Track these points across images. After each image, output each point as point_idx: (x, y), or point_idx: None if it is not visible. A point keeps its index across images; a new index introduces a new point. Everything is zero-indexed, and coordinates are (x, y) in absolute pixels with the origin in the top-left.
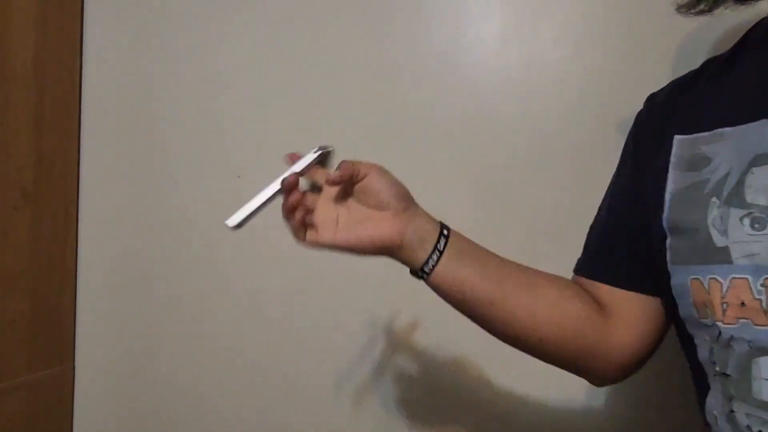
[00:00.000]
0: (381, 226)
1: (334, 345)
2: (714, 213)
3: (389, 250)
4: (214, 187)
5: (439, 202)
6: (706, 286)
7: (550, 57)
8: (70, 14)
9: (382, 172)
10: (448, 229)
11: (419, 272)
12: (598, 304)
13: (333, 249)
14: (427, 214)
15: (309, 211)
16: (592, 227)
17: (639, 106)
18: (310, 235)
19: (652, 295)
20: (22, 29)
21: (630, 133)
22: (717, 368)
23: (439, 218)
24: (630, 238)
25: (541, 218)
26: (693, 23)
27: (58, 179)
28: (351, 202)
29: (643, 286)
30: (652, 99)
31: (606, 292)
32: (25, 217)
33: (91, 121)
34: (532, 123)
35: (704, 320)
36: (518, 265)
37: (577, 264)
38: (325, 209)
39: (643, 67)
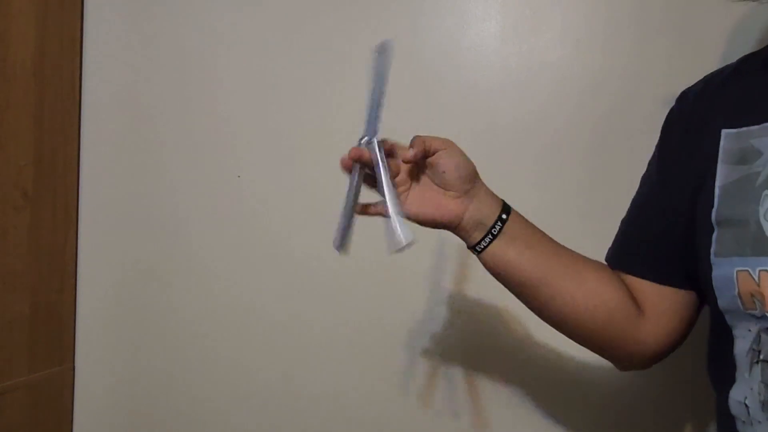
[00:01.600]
0: (442, 207)
1: (334, 346)
2: (766, 205)
3: (448, 227)
4: (213, 187)
5: None
6: (756, 278)
7: (550, 57)
8: (70, 14)
9: (451, 152)
10: (508, 213)
11: (473, 250)
12: (632, 296)
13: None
14: (490, 196)
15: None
16: (623, 220)
17: (639, 106)
18: (379, 206)
19: (682, 288)
20: (23, 29)
21: (663, 130)
22: (761, 356)
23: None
24: (661, 232)
25: (541, 218)
26: (693, 23)
27: (58, 179)
28: (420, 176)
29: (672, 279)
30: (685, 96)
31: (635, 283)
32: (25, 217)
33: (91, 121)
34: (532, 123)
35: (752, 311)
36: (568, 252)
37: (607, 255)
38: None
39: (643, 67)
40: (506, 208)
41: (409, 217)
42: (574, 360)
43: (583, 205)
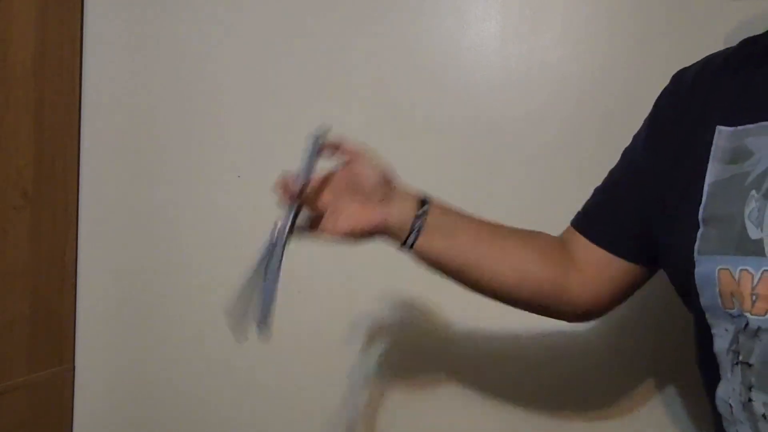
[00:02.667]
0: (368, 216)
1: (334, 347)
2: (752, 205)
3: (378, 233)
4: (214, 187)
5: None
6: (736, 277)
7: (551, 57)
8: (71, 14)
9: (363, 159)
10: (426, 207)
11: (403, 249)
12: (570, 258)
13: (333, 241)
14: (407, 194)
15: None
16: (598, 188)
17: (640, 106)
18: (313, 230)
19: (632, 261)
20: (23, 29)
21: (655, 108)
22: (740, 357)
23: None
24: (630, 209)
25: (541, 219)
26: (693, 23)
27: (58, 179)
28: (337, 192)
29: (626, 252)
30: (681, 77)
31: (587, 247)
32: (25, 217)
33: (91, 121)
34: (532, 123)
35: (730, 310)
36: (491, 231)
37: (576, 217)
38: (318, 202)
39: (643, 67)
40: (424, 202)
41: (344, 235)
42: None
43: (583, 204)
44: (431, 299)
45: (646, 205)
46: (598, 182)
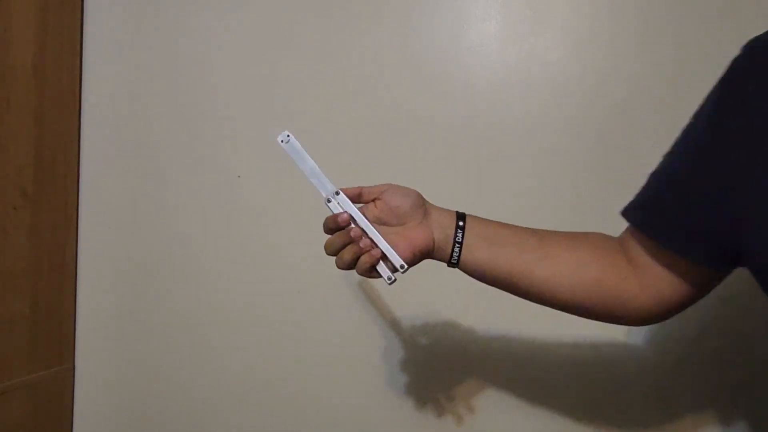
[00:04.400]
0: (414, 239)
1: (334, 346)
2: None
3: (427, 255)
4: (213, 187)
5: (439, 203)
6: None
7: (551, 57)
8: (70, 15)
9: (393, 189)
10: (464, 219)
11: (450, 264)
12: (629, 258)
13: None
14: (443, 211)
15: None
16: (654, 174)
17: (640, 106)
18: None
19: (701, 263)
20: (23, 30)
21: (725, 84)
22: None
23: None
24: (700, 205)
25: (542, 219)
26: (694, 22)
27: (58, 179)
28: (381, 226)
29: (694, 253)
30: (756, 50)
31: (647, 249)
32: (25, 217)
33: (91, 121)
34: (532, 124)
35: None
36: (538, 238)
37: (631, 209)
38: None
39: (644, 67)
40: (461, 216)
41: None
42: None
43: (583, 205)
44: (434, 298)
45: (719, 200)
46: (600, 182)
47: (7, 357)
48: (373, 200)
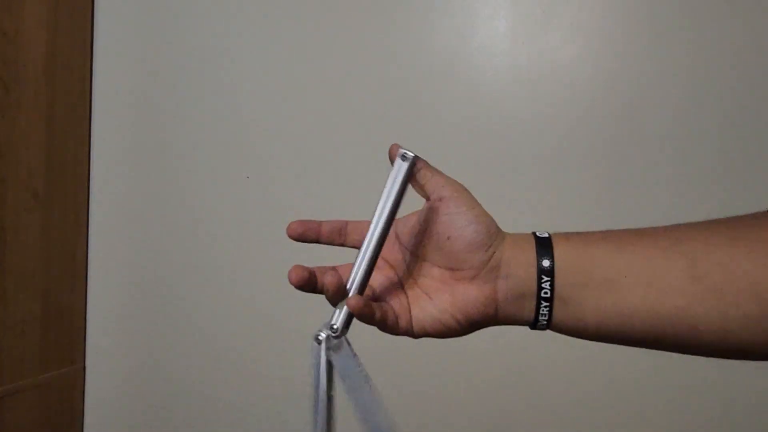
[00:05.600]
0: (460, 297)
1: None
2: None
3: (481, 324)
4: (223, 188)
5: None
6: None
7: (560, 57)
8: (81, 16)
9: (458, 200)
10: (551, 257)
11: (534, 328)
12: None
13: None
14: (518, 246)
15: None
16: None
17: (648, 105)
18: (390, 323)
19: None
20: (34, 32)
21: None
22: None
23: None
24: None
25: (550, 218)
26: (704, 22)
27: (69, 181)
28: (413, 261)
29: None
30: None
31: None
32: (36, 218)
33: (102, 123)
34: (542, 122)
35: None
36: (687, 260)
37: None
38: (387, 284)
39: (654, 66)
40: (545, 254)
41: (420, 335)
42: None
43: (594, 205)
44: None
45: None
46: (609, 180)
47: (18, 357)
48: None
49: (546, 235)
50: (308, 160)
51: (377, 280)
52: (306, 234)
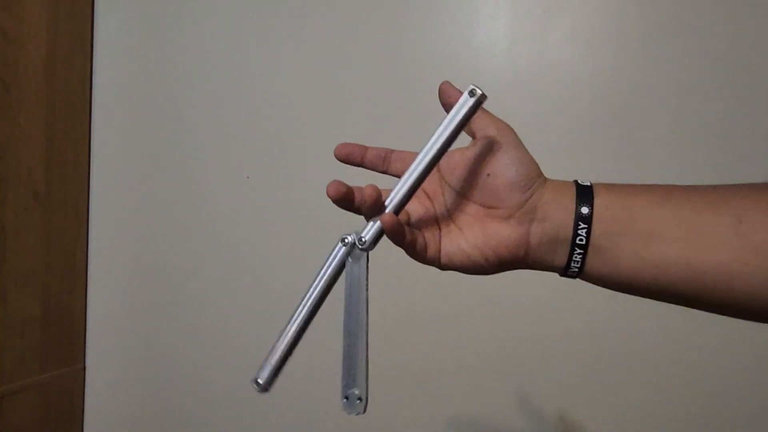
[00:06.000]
0: (492, 235)
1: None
2: None
3: (509, 265)
4: (223, 188)
5: None
6: None
7: (560, 57)
8: (81, 17)
9: (504, 139)
10: (591, 205)
11: (565, 275)
12: None
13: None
14: (558, 191)
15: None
16: None
17: (648, 105)
18: (419, 248)
19: None
20: (34, 31)
21: None
22: None
23: None
24: None
25: None
26: (702, 22)
27: (69, 181)
28: (450, 195)
29: None
30: None
31: None
32: (36, 218)
33: (102, 123)
34: (541, 123)
35: None
36: (732, 215)
37: None
38: (422, 213)
39: (654, 66)
40: (585, 200)
41: (446, 266)
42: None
43: None
44: (446, 292)
45: None
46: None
47: (18, 357)
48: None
49: (588, 183)
50: (308, 160)
51: (413, 207)
52: (351, 156)
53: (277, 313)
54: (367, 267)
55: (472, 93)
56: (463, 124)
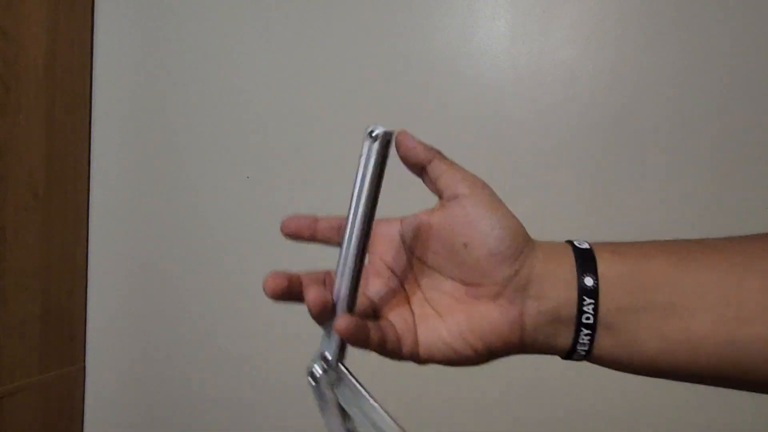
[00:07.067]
0: (478, 320)
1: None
2: None
3: (502, 354)
4: (223, 188)
5: None
6: None
7: (560, 56)
8: (81, 17)
9: (478, 199)
10: (594, 274)
11: (568, 359)
12: None
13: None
14: (552, 258)
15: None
16: None
17: (649, 105)
18: (391, 346)
19: None
20: (34, 31)
21: None
22: None
23: None
24: None
25: (550, 218)
26: (703, 21)
27: (69, 180)
28: (420, 271)
29: None
30: None
31: None
32: (36, 218)
33: (102, 122)
34: (541, 122)
35: None
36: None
37: None
38: (389, 297)
39: (654, 65)
40: (588, 270)
41: (423, 360)
42: None
43: (594, 204)
44: None
45: None
46: (609, 181)
47: (18, 357)
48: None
49: (586, 245)
50: (308, 160)
51: (375, 288)
52: (300, 232)
53: (278, 314)
54: (351, 376)
55: (371, 135)
56: (378, 179)
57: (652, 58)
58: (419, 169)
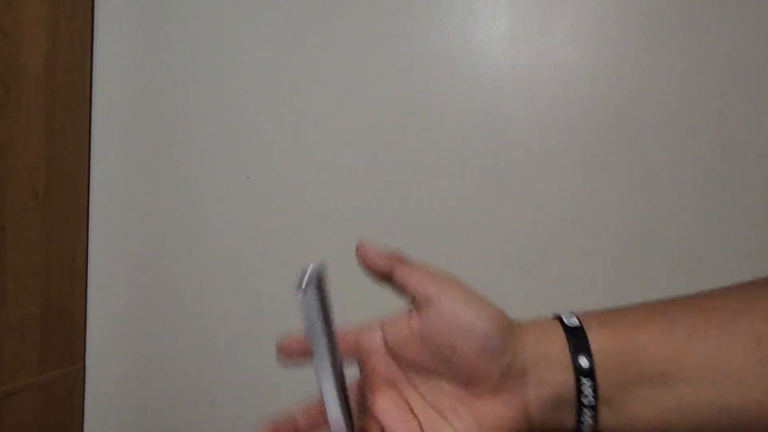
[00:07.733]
0: (485, 417)
1: None
2: None
3: None
4: (223, 188)
5: (447, 203)
6: None
7: (561, 57)
8: (81, 17)
9: (451, 297)
10: (588, 353)
11: None
12: None
13: None
14: (542, 340)
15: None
16: None
17: (649, 105)
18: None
19: None
20: (34, 32)
21: None
22: None
23: (447, 221)
24: None
25: (550, 219)
26: (703, 22)
27: (69, 181)
28: (415, 377)
29: None
30: None
31: None
32: (36, 218)
33: (102, 123)
34: (541, 123)
35: None
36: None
37: None
38: (390, 405)
39: (654, 65)
40: (582, 350)
41: None
42: None
43: (594, 205)
44: None
45: None
46: (608, 183)
47: (18, 357)
48: (412, 312)
49: (575, 321)
50: (308, 160)
51: (378, 403)
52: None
53: (278, 314)
54: None
55: (299, 287)
56: (326, 317)
57: (652, 58)
58: (384, 277)
